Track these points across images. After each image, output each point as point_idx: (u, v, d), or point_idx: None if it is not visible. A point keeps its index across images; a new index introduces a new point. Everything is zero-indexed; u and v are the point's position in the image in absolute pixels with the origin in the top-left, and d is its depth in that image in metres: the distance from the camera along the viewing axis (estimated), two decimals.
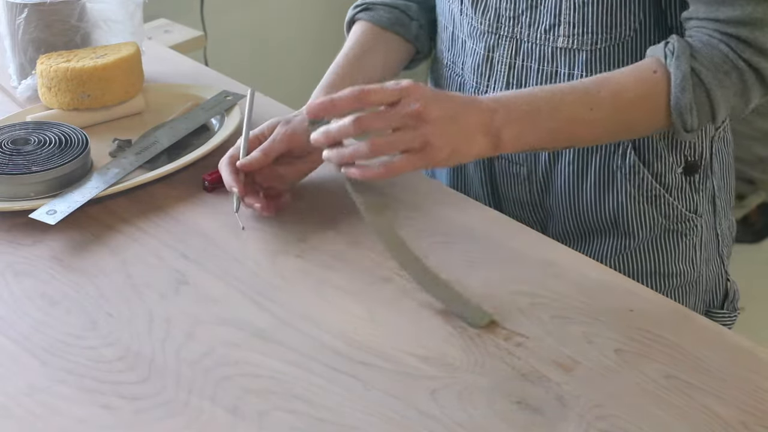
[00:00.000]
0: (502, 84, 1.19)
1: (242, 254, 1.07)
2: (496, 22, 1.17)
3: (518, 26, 1.16)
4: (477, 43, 1.20)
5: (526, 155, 1.20)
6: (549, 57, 1.15)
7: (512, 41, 1.17)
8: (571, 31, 1.12)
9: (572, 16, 1.12)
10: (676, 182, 1.19)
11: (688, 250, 1.22)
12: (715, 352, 0.96)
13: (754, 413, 0.89)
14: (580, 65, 1.13)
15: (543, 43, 1.15)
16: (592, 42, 1.12)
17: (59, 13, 1.36)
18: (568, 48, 1.13)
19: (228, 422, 0.86)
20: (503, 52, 1.18)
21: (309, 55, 2.55)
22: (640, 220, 1.19)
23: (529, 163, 1.21)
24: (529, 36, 1.15)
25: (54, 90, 1.29)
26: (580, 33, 1.12)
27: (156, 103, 1.35)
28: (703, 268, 1.24)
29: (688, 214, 1.20)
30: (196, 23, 2.28)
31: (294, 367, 0.92)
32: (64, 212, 1.09)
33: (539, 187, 1.22)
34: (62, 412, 0.87)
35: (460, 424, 0.87)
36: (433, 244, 1.10)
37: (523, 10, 1.15)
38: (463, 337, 0.96)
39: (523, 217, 1.25)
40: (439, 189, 1.22)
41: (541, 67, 1.16)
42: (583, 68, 1.13)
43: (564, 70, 1.15)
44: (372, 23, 1.26)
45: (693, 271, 1.23)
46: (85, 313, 0.99)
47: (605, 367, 0.93)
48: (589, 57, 1.13)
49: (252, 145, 1.11)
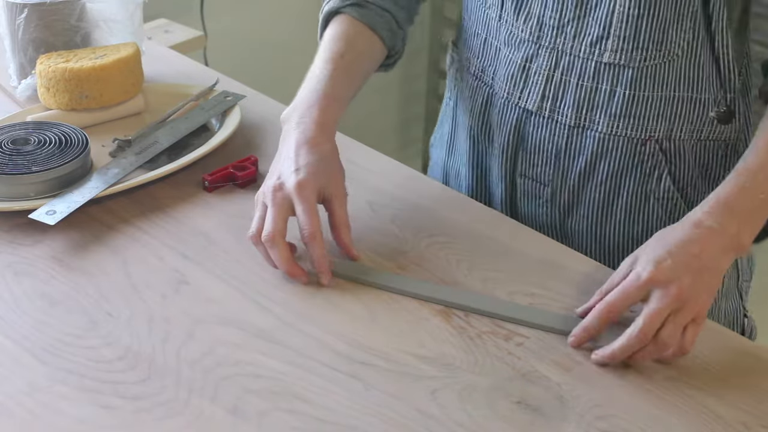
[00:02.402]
0: (537, 97, 1.13)
1: (242, 254, 1.07)
2: (538, 30, 1.11)
3: (561, 36, 1.10)
4: (514, 51, 1.14)
5: (553, 174, 1.16)
6: (591, 72, 1.09)
7: (553, 52, 1.11)
8: (620, 45, 1.07)
9: (623, 30, 1.06)
10: None
11: None
12: (715, 352, 0.96)
13: (755, 413, 0.89)
14: (625, 83, 1.08)
15: (587, 57, 1.09)
16: (640, 58, 1.06)
17: (59, 13, 1.36)
18: (614, 63, 1.08)
19: (228, 422, 0.86)
20: (542, 63, 1.12)
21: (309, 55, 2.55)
22: None
23: (555, 183, 1.17)
24: (573, 48, 1.09)
25: (52, 90, 1.29)
26: (629, 48, 1.06)
27: (156, 103, 1.35)
28: (722, 302, 1.21)
29: None
30: (196, 23, 2.28)
31: (294, 367, 0.92)
32: (64, 212, 1.09)
33: (563, 208, 1.18)
34: (62, 412, 0.87)
35: (460, 424, 0.87)
36: (433, 244, 1.10)
37: (569, 19, 1.09)
38: (463, 337, 0.96)
39: None
40: (440, 189, 1.22)
41: (581, 83, 1.10)
42: (628, 86, 1.08)
43: (605, 87, 1.09)
44: (362, 22, 1.17)
45: (713, 306, 1.19)
46: (85, 313, 0.99)
47: (605, 367, 0.93)
48: (635, 75, 1.07)
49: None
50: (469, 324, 0.98)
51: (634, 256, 0.97)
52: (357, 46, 1.16)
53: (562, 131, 1.13)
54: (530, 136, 1.16)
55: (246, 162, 1.21)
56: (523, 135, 1.17)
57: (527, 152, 1.17)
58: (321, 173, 1.04)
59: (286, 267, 1.02)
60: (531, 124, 1.15)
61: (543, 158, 1.16)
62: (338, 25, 1.18)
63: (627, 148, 1.11)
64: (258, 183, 1.19)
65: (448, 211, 1.15)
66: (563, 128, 1.13)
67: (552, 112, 1.13)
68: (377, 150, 1.28)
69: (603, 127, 1.11)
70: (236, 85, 1.41)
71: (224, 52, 2.36)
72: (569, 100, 1.12)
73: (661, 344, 0.92)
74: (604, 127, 1.11)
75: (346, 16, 1.18)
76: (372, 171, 1.22)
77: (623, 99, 1.09)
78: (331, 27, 1.18)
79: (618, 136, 1.11)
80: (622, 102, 1.09)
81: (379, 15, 1.18)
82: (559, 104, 1.13)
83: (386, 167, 1.24)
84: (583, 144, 1.13)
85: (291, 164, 1.04)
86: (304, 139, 1.06)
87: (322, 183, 1.04)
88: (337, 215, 1.05)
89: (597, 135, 1.12)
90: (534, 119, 1.15)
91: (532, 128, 1.15)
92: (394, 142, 3.07)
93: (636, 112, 1.09)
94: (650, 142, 1.11)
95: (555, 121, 1.13)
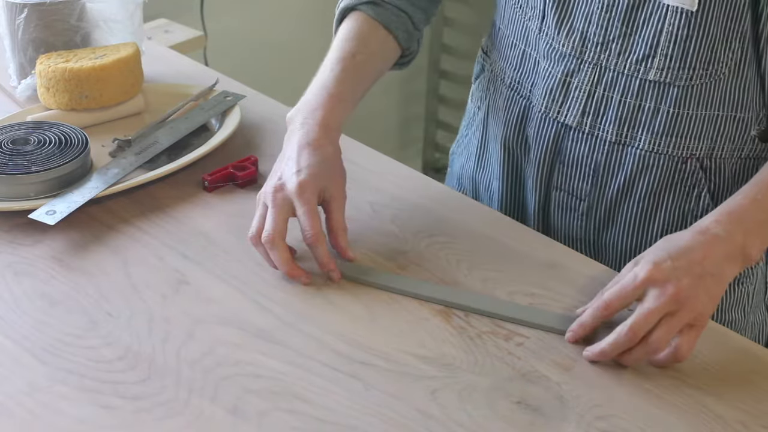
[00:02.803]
0: (577, 112, 1.12)
1: (242, 254, 1.07)
2: (581, 45, 1.09)
3: (605, 53, 1.08)
4: (554, 65, 1.12)
5: (590, 189, 1.15)
6: (635, 89, 1.08)
7: (596, 68, 1.09)
8: (666, 63, 1.05)
9: (670, 49, 1.04)
10: None
11: (742, 297, 1.18)
12: (715, 352, 0.96)
13: (754, 413, 0.89)
14: (670, 101, 1.07)
15: (632, 74, 1.07)
16: (687, 77, 1.05)
17: (59, 13, 1.36)
18: (660, 81, 1.06)
19: (228, 422, 0.86)
20: (583, 78, 1.10)
21: (309, 55, 2.55)
22: None
23: (592, 197, 1.15)
24: (617, 65, 1.08)
25: (52, 90, 1.29)
26: (676, 67, 1.05)
27: (156, 103, 1.35)
28: (750, 316, 1.20)
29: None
30: (196, 23, 2.28)
31: (294, 367, 0.92)
32: (64, 212, 1.09)
33: (598, 223, 1.17)
34: (62, 412, 0.87)
35: (460, 424, 0.87)
36: (433, 244, 1.10)
37: (615, 36, 1.07)
38: (463, 337, 0.96)
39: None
40: (439, 189, 1.22)
41: (624, 100, 1.09)
42: (672, 104, 1.07)
43: (650, 105, 1.08)
44: (377, 21, 1.16)
45: (743, 320, 1.19)
46: (85, 313, 0.99)
47: (605, 367, 0.93)
48: (680, 93, 1.06)
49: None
50: (469, 324, 0.98)
51: (636, 259, 0.97)
52: (370, 46, 1.15)
53: (602, 147, 1.12)
54: (568, 150, 1.15)
55: (246, 162, 1.21)
56: (560, 149, 1.15)
57: (564, 166, 1.16)
58: (322, 175, 1.03)
59: (286, 268, 1.02)
60: (570, 138, 1.14)
61: (581, 173, 1.15)
62: (353, 22, 1.16)
63: (667, 165, 1.11)
64: (258, 183, 1.19)
65: (448, 211, 1.15)
66: (603, 144, 1.12)
67: (592, 128, 1.12)
68: (377, 150, 1.28)
69: (645, 144, 1.10)
70: (236, 85, 1.41)
71: (224, 52, 2.36)
72: (611, 117, 1.10)
73: (651, 347, 0.92)
74: (646, 144, 1.10)
75: (361, 13, 1.16)
76: (372, 171, 1.22)
77: (667, 117, 1.08)
78: (346, 24, 1.17)
79: (659, 154, 1.10)
80: (666, 120, 1.08)
81: (396, 15, 1.17)
82: (600, 120, 1.11)
83: (386, 167, 1.24)
84: (623, 160, 1.12)
85: (293, 165, 1.04)
86: (307, 141, 1.05)
87: (323, 185, 1.04)
88: (335, 219, 1.05)
89: (638, 152, 1.10)
90: (573, 134, 1.14)
91: (571, 143, 1.14)
92: (394, 142, 3.07)
93: (679, 131, 1.08)
94: (691, 160, 1.10)
95: (595, 136, 1.12)
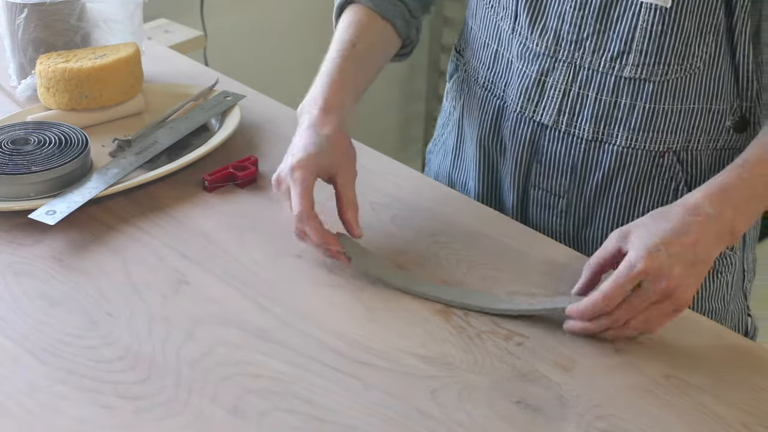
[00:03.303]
0: (553, 111, 1.12)
1: (242, 254, 1.07)
2: (555, 44, 1.10)
3: (580, 51, 1.09)
4: (527, 65, 1.13)
5: (568, 186, 1.16)
6: (611, 87, 1.08)
7: (570, 66, 1.10)
8: (641, 60, 1.06)
9: (645, 45, 1.05)
10: None
11: (721, 287, 1.19)
12: (715, 352, 0.96)
13: (754, 413, 0.89)
14: (645, 97, 1.07)
15: (607, 72, 1.08)
16: (662, 72, 1.06)
17: (59, 13, 1.36)
18: (635, 78, 1.07)
19: (228, 422, 0.86)
20: (558, 77, 1.11)
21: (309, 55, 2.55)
22: None
23: (571, 195, 1.16)
24: (592, 63, 1.08)
25: (52, 90, 1.29)
26: (651, 63, 1.05)
27: (156, 103, 1.35)
28: (730, 304, 1.22)
29: (727, 251, 1.18)
30: (196, 23, 2.28)
31: (294, 367, 0.92)
32: (64, 212, 1.09)
33: (578, 220, 1.17)
34: (62, 412, 0.87)
35: (460, 424, 0.87)
36: (433, 244, 1.10)
37: (589, 34, 1.07)
38: (463, 337, 0.96)
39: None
40: (439, 189, 1.22)
41: (599, 97, 1.09)
42: (648, 100, 1.07)
43: (625, 101, 1.08)
44: (375, 11, 1.17)
45: (723, 309, 1.21)
46: (85, 313, 0.99)
47: (605, 367, 0.93)
48: (656, 88, 1.07)
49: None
50: (468, 324, 0.98)
51: (624, 231, 0.97)
52: (369, 36, 1.16)
53: (579, 145, 1.13)
54: (545, 149, 1.15)
55: (246, 162, 1.21)
56: (537, 148, 1.16)
57: (541, 165, 1.16)
58: (320, 154, 1.03)
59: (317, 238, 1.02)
60: (546, 137, 1.14)
61: (559, 171, 1.15)
62: (352, 14, 1.18)
63: (645, 160, 1.11)
64: (258, 183, 1.20)
65: (448, 210, 1.15)
66: (580, 142, 1.12)
67: (569, 126, 1.12)
68: (377, 150, 1.28)
69: (621, 140, 1.10)
70: (236, 85, 1.41)
71: (224, 52, 2.36)
72: (587, 115, 1.11)
73: (630, 330, 0.95)
74: (623, 141, 1.10)
75: (358, 5, 1.18)
76: (372, 171, 1.22)
77: (643, 113, 1.08)
78: (345, 16, 1.18)
79: (636, 149, 1.10)
80: (642, 116, 1.09)
81: (392, 4, 1.18)
82: (576, 118, 1.12)
83: (386, 167, 1.24)
84: (600, 158, 1.12)
85: (290, 150, 1.05)
86: (307, 126, 1.06)
87: (324, 163, 1.03)
88: (340, 193, 1.05)
89: (615, 149, 1.11)
90: (549, 133, 1.14)
91: (548, 142, 1.15)
92: (394, 142, 3.07)
93: (655, 126, 1.09)
94: (668, 154, 1.10)
95: (572, 135, 1.13)
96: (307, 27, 2.60)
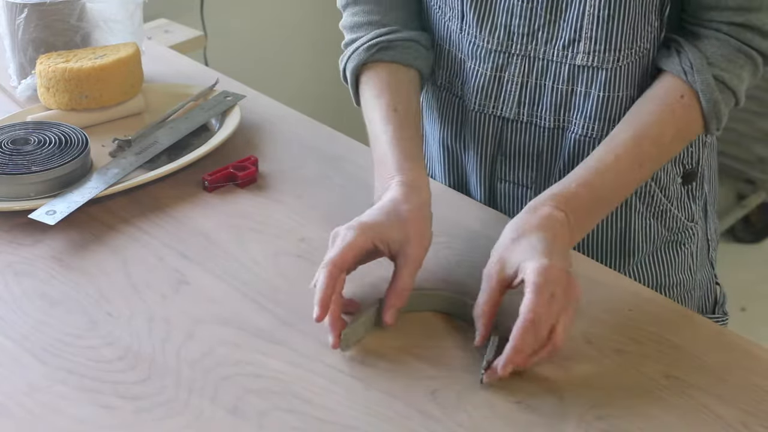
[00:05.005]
0: (513, 104, 1.12)
1: (242, 254, 1.07)
2: (507, 40, 1.10)
3: (533, 43, 1.09)
4: (480, 63, 1.13)
5: (535, 176, 1.16)
6: (566, 76, 1.09)
7: (525, 59, 1.10)
8: (592, 47, 1.07)
9: (594, 32, 1.06)
10: (677, 192, 1.17)
11: (686, 258, 1.21)
12: (715, 352, 0.96)
13: (754, 413, 0.89)
14: (599, 84, 1.08)
15: (560, 61, 1.09)
16: (613, 59, 1.07)
17: (59, 13, 1.36)
18: (588, 66, 1.08)
19: (228, 422, 0.86)
20: (514, 71, 1.11)
21: (309, 55, 2.56)
22: (646, 235, 1.17)
23: (537, 185, 1.16)
24: (545, 53, 1.09)
25: (52, 90, 1.29)
26: (602, 50, 1.06)
27: (156, 103, 1.35)
28: (697, 274, 1.23)
29: (688, 223, 1.19)
30: (196, 23, 2.28)
31: (294, 367, 0.92)
32: (64, 212, 1.09)
33: None
34: (62, 412, 0.87)
35: (460, 424, 0.87)
36: (433, 244, 1.09)
37: (540, 26, 1.08)
38: (462, 337, 0.96)
39: None
40: (439, 189, 1.22)
41: (556, 86, 1.10)
42: (602, 88, 1.08)
43: (581, 89, 1.09)
44: (395, 63, 1.13)
45: (690, 279, 1.22)
46: (85, 313, 0.99)
47: (605, 367, 0.93)
48: (608, 76, 1.08)
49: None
50: (468, 324, 0.98)
51: (499, 259, 0.94)
52: (401, 92, 1.12)
53: (542, 134, 1.13)
54: (509, 141, 1.16)
55: (246, 162, 1.21)
56: (501, 141, 1.16)
57: (507, 157, 1.17)
58: (380, 228, 0.97)
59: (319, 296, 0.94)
60: (509, 130, 1.15)
61: (524, 162, 1.16)
62: (374, 76, 1.14)
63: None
64: (258, 183, 1.19)
65: (448, 211, 1.15)
66: (543, 131, 1.13)
67: (530, 117, 1.13)
68: None
69: (579, 129, 1.12)
70: (236, 85, 1.41)
71: (224, 52, 2.36)
72: (546, 103, 1.12)
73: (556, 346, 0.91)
74: (580, 129, 1.11)
75: (377, 64, 1.14)
76: (372, 171, 1.22)
77: (598, 101, 1.09)
78: (368, 81, 1.14)
79: (594, 138, 1.11)
80: (597, 104, 1.09)
81: (407, 48, 1.14)
82: (536, 108, 1.12)
83: None
84: (562, 145, 1.13)
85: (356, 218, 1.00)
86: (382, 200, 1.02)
87: (391, 236, 0.97)
88: (398, 277, 0.97)
89: (574, 137, 1.12)
90: (512, 125, 1.14)
91: (511, 134, 1.15)
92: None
93: (608, 115, 1.10)
94: None
95: (534, 125, 1.13)
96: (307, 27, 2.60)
